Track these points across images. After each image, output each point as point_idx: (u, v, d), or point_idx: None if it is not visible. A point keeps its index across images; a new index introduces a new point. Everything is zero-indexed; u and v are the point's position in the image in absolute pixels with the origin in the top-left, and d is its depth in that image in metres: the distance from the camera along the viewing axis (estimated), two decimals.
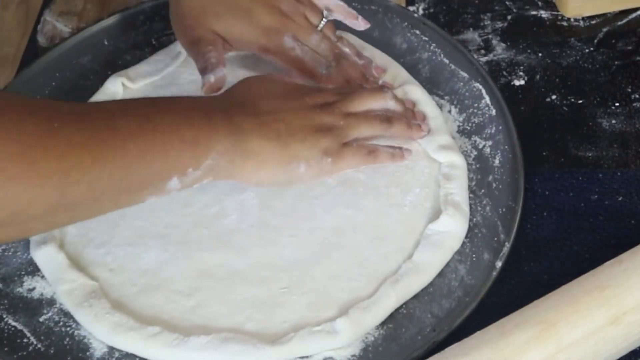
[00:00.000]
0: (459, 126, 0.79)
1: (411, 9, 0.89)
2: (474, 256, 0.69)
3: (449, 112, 0.80)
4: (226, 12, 0.76)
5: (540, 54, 0.85)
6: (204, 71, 0.75)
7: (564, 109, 0.81)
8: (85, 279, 0.68)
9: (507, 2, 0.90)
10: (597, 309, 0.59)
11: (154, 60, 0.85)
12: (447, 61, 0.83)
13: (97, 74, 0.84)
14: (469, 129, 0.78)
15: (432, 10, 0.90)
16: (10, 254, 0.72)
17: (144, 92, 0.82)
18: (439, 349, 0.60)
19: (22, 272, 0.71)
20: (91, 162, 0.57)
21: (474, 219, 0.72)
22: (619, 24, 0.87)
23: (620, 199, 0.73)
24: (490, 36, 0.87)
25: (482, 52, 0.86)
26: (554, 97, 0.82)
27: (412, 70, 0.83)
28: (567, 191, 0.74)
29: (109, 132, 0.58)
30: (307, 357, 0.65)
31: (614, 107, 0.80)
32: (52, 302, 0.69)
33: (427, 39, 0.84)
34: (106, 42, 0.87)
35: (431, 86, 0.82)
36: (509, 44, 0.86)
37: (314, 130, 0.69)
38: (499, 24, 0.88)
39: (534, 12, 0.89)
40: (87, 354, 0.65)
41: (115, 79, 0.82)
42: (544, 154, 0.77)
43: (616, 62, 0.84)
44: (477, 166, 0.75)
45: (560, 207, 0.73)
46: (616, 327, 0.59)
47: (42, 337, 0.66)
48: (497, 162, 0.75)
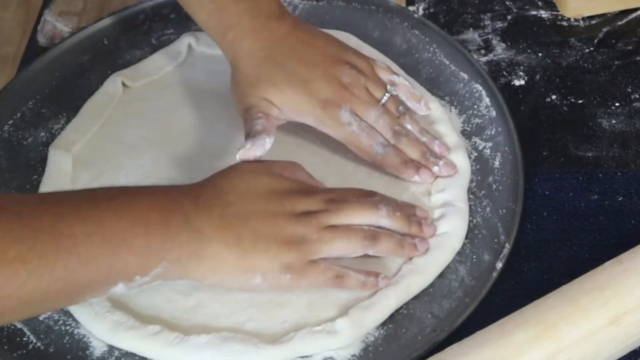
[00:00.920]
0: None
1: (411, 9, 0.89)
2: (474, 257, 0.69)
3: (450, 112, 0.80)
4: (283, 80, 0.72)
5: (540, 54, 0.85)
6: (247, 137, 0.70)
7: (564, 109, 0.81)
8: None
9: (507, 2, 0.90)
10: (597, 309, 0.59)
11: (154, 59, 0.85)
12: (447, 62, 0.83)
13: (97, 74, 0.84)
14: (469, 130, 0.78)
15: (432, 10, 0.90)
16: None
17: (143, 91, 0.83)
18: (439, 349, 0.60)
19: None
20: (27, 276, 0.54)
21: (474, 220, 0.72)
22: (619, 24, 0.87)
23: (620, 199, 0.73)
24: (490, 36, 0.87)
25: (482, 52, 0.86)
26: (554, 97, 0.82)
27: (412, 70, 0.83)
28: (567, 191, 0.74)
29: (51, 242, 0.55)
30: (307, 357, 0.65)
31: (614, 107, 0.80)
32: None
33: (427, 39, 0.84)
34: (106, 42, 0.87)
35: (431, 87, 0.82)
36: (509, 44, 0.86)
37: (280, 241, 0.64)
38: (499, 24, 0.88)
39: (534, 12, 0.89)
40: (87, 352, 0.65)
41: (115, 79, 0.82)
42: (544, 154, 0.77)
43: (616, 62, 0.84)
44: (477, 167, 0.75)
45: (560, 207, 0.73)
46: (616, 327, 0.59)
47: (42, 336, 0.66)
48: (497, 163, 0.75)
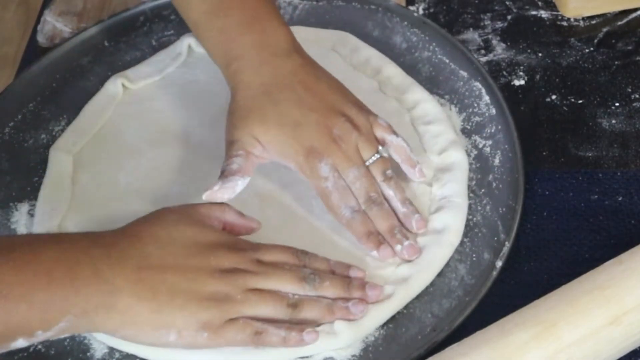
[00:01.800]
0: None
1: (411, 9, 0.89)
2: (474, 256, 0.69)
3: (449, 111, 0.80)
4: (273, 119, 0.69)
5: (540, 54, 0.85)
6: (220, 175, 0.68)
7: (564, 109, 0.81)
8: None
9: (507, 2, 0.90)
10: (597, 309, 0.59)
11: (154, 61, 0.85)
12: (447, 60, 0.83)
13: (97, 75, 0.84)
14: (469, 128, 0.78)
15: (432, 10, 0.90)
16: None
17: (144, 92, 0.83)
18: (439, 349, 0.60)
19: None
20: None
21: (474, 219, 0.72)
22: (619, 24, 0.87)
23: (620, 199, 0.73)
24: (490, 36, 0.87)
25: (482, 52, 0.86)
26: (554, 97, 0.82)
27: (412, 69, 0.83)
28: (567, 191, 0.74)
29: None
30: (307, 357, 0.65)
31: (614, 107, 0.80)
32: None
33: (426, 38, 0.84)
34: (106, 43, 0.87)
35: (431, 85, 0.82)
36: (509, 44, 0.86)
37: (199, 298, 0.61)
38: (499, 24, 0.88)
39: (534, 12, 0.89)
40: (88, 354, 0.66)
41: (115, 80, 0.82)
42: (544, 154, 0.77)
43: (616, 62, 0.84)
44: (477, 165, 0.75)
45: (560, 207, 0.73)
46: (616, 327, 0.59)
47: None
48: (497, 161, 0.75)
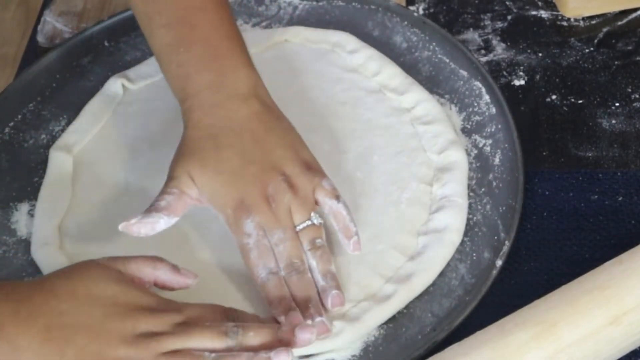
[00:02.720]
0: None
1: (411, 9, 0.89)
2: (474, 255, 0.69)
3: (450, 110, 0.80)
4: (211, 164, 0.67)
5: (540, 54, 0.85)
6: (147, 209, 0.65)
7: (564, 109, 0.81)
8: None
9: (507, 2, 0.90)
10: (597, 309, 0.59)
11: (154, 61, 0.84)
12: (447, 60, 0.83)
13: (97, 75, 0.84)
14: (469, 127, 0.78)
15: (432, 10, 0.90)
16: (11, 255, 0.72)
17: (144, 92, 0.83)
18: (439, 349, 0.60)
19: (24, 274, 0.71)
20: None
21: (474, 218, 0.72)
22: (619, 24, 0.87)
23: (620, 199, 0.73)
24: (490, 36, 0.87)
25: (482, 52, 0.86)
26: (554, 97, 0.82)
27: (412, 69, 0.83)
28: (567, 191, 0.74)
29: None
30: (307, 357, 0.65)
31: (614, 107, 0.80)
32: None
33: (426, 38, 0.84)
34: (106, 43, 0.87)
35: (431, 85, 0.82)
36: (509, 44, 0.86)
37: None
38: (499, 24, 0.88)
39: (534, 12, 0.89)
40: None
41: (115, 80, 0.82)
42: (544, 154, 0.77)
43: (616, 62, 0.84)
44: (478, 165, 0.75)
45: (560, 207, 0.73)
46: (616, 327, 0.59)
47: None
48: (497, 160, 0.75)
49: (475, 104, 0.79)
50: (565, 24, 0.88)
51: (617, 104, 0.80)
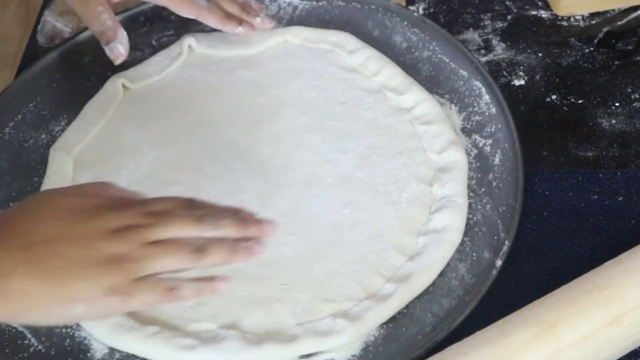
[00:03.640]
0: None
1: (411, 9, 0.89)
2: (474, 255, 0.69)
3: (450, 110, 0.80)
4: None
5: (540, 54, 0.85)
6: (105, 37, 0.76)
7: (564, 109, 0.81)
8: None
9: (507, 2, 0.90)
10: (597, 309, 0.59)
11: (154, 61, 0.85)
12: (447, 60, 0.83)
13: (97, 75, 0.84)
14: (469, 127, 0.78)
15: (432, 10, 0.90)
16: None
17: (144, 92, 0.83)
18: (439, 349, 0.60)
19: None
20: None
21: (474, 218, 0.72)
22: (619, 24, 0.87)
23: (620, 199, 0.73)
24: (490, 36, 0.87)
25: (482, 52, 0.86)
26: (554, 97, 0.82)
27: (412, 69, 0.83)
28: (567, 191, 0.74)
29: None
30: (307, 357, 0.65)
31: (614, 107, 0.80)
32: None
33: (426, 37, 0.84)
34: None
35: (431, 85, 0.82)
36: (509, 44, 0.86)
37: (99, 263, 0.57)
38: (499, 24, 0.88)
39: (534, 12, 0.89)
40: (88, 355, 0.66)
41: (115, 80, 0.82)
42: (544, 154, 0.77)
43: (616, 62, 0.84)
44: (478, 165, 0.75)
45: (560, 207, 0.73)
46: (616, 327, 0.59)
47: (43, 339, 0.66)
48: (497, 160, 0.75)
49: (475, 104, 0.79)
50: (565, 24, 0.88)
51: (617, 104, 0.80)
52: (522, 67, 0.84)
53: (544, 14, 0.89)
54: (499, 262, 0.67)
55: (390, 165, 0.76)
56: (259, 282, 0.68)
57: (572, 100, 0.81)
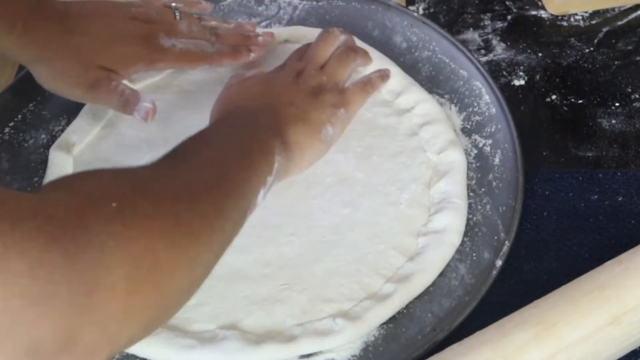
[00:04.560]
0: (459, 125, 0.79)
1: (411, 9, 0.89)
2: (474, 255, 0.69)
3: (450, 110, 0.80)
4: (100, 42, 0.75)
5: (540, 54, 0.85)
6: (129, 105, 0.74)
7: (564, 109, 0.81)
8: None
9: (507, 2, 0.90)
10: (597, 309, 0.59)
11: None
12: (447, 60, 0.83)
13: None
14: (469, 127, 0.78)
15: (432, 10, 0.90)
16: None
17: (144, 92, 0.82)
18: (439, 349, 0.60)
19: None
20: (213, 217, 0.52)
21: (474, 218, 0.72)
22: (619, 24, 0.87)
23: (620, 199, 0.73)
24: (490, 36, 0.87)
25: (482, 52, 0.86)
26: (554, 97, 0.82)
27: (412, 69, 0.83)
28: (567, 191, 0.74)
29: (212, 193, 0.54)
30: (307, 357, 0.65)
31: (614, 107, 0.80)
32: None
33: (426, 38, 0.84)
34: None
35: (431, 85, 0.82)
36: (509, 44, 0.86)
37: (313, 96, 0.71)
38: (499, 24, 0.88)
39: (534, 12, 0.89)
40: None
41: None
42: (544, 154, 0.77)
43: (616, 62, 0.84)
44: (478, 165, 0.75)
45: (560, 207, 0.73)
46: (616, 328, 0.59)
47: None
48: (497, 160, 0.75)
49: (475, 104, 0.79)
50: (565, 24, 0.88)
51: (617, 104, 0.80)
52: (522, 67, 0.84)
53: (544, 14, 0.89)
54: (499, 262, 0.67)
55: (390, 165, 0.76)
56: (259, 282, 0.68)
57: (572, 100, 0.81)
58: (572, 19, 0.88)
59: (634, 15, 0.88)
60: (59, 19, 0.74)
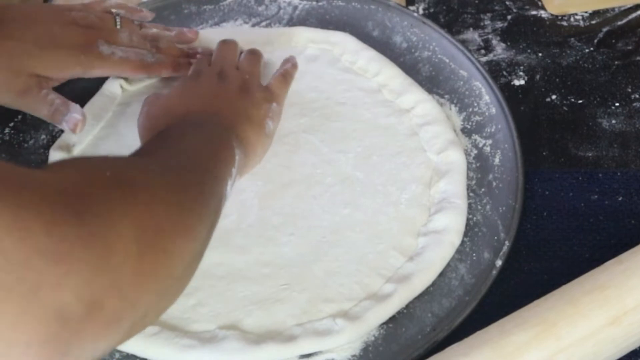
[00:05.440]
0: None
1: (411, 9, 0.89)
2: (474, 255, 0.69)
3: (449, 110, 0.80)
4: (35, 47, 0.75)
5: (540, 54, 0.85)
6: (58, 115, 0.75)
7: (564, 109, 0.81)
8: None
9: (507, 2, 0.90)
10: (597, 309, 0.59)
11: None
12: (447, 60, 0.83)
13: None
14: (469, 127, 0.78)
15: (432, 10, 0.90)
16: None
17: (142, 93, 0.83)
18: (439, 349, 0.60)
19: None
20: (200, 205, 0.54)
21: (474, 218, 0.72)
22: (619, 23, 0.87)
23: (620, 199, 0.73)
24: (490, 36, 0.87)
25: (482, 52, 0.86)
26: (554, 97, 0.82)
27: (412, 69, 0.83)
28: (567, 191, 0.74)
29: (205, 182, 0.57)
30: (307, 357, 0.65)
31: (614, 107, 0.80)
32: None
33: (426, 38, 0.84)
34: None
35: (431, 85, 0.82)
36: (509, 44, 0.86)
37: (243, 93, 0.73)
38: (499, 24, 0.88)
39: (534, 12, 0.89)
40: None
41: (113, 81, 0.82)
42: (544, 154, 0.77)
43: (616, 62, 0.84)
44: (478, 165, 0.75)
45: (560, 207, 0.73)
46: (616, 328, 0.59)
47: None
48: (497, 160, 0.75)
49: (475, 104, 0.79)
50: (565, 24, 0.88)
51: (617, 104, 0.80)
52: (522, 67, 0.84)
53: (544, 14, 0.89)
54: (499, 262, 0.67)
55: (389, 165, 0.76)
56: (259, 282, 0.68)
57: (572, 100, 0.81)
58: (572, 19, 0.88)
59: (634, 15, 0.88)
60: None
